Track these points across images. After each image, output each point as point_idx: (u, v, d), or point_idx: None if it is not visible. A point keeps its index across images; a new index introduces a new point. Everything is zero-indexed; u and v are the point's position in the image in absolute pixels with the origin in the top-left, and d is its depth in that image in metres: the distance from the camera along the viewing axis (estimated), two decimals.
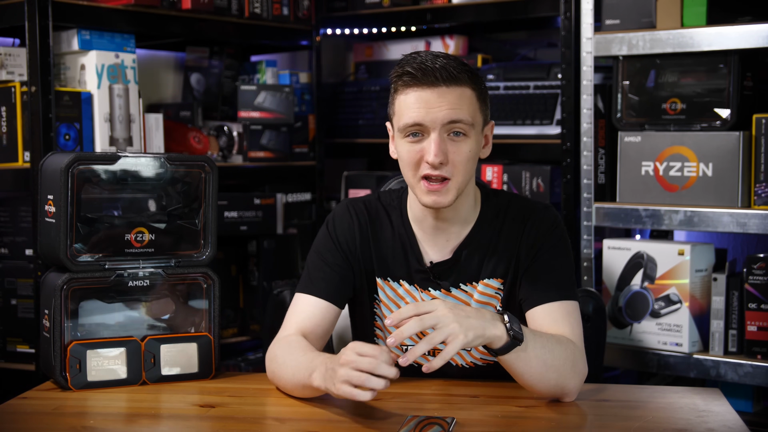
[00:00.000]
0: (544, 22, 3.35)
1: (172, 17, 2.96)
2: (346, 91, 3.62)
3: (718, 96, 2.68)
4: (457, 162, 1.88)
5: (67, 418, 1.84)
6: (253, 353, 3.37)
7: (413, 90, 1.87)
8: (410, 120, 1.87)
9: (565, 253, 1.99)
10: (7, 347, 2.79)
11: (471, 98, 1.89)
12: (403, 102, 1.89)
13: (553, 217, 2.01)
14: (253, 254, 3.32)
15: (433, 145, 1.85)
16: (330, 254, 2.04)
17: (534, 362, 1.80)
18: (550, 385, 1.83)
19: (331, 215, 2.08)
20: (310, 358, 1.84)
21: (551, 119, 3.06)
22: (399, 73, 1.89)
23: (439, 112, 1.85)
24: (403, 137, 1.90)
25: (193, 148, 3.11)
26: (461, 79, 1.87)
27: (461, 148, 1.88)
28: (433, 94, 1.85)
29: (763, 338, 2.63)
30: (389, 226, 2.05)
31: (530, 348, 1.80)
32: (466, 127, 1.88)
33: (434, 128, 1.86)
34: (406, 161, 1.90)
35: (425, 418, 1.73)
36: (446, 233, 2.00)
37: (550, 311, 1.92)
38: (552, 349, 1.83)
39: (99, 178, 2.02)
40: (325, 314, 2.00)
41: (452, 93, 1.86)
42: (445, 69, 1.85)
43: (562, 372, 1.83)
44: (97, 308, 2.05)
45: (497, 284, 1.99)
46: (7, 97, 2.71)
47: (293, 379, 1.87)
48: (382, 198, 2.09)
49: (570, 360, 1.84)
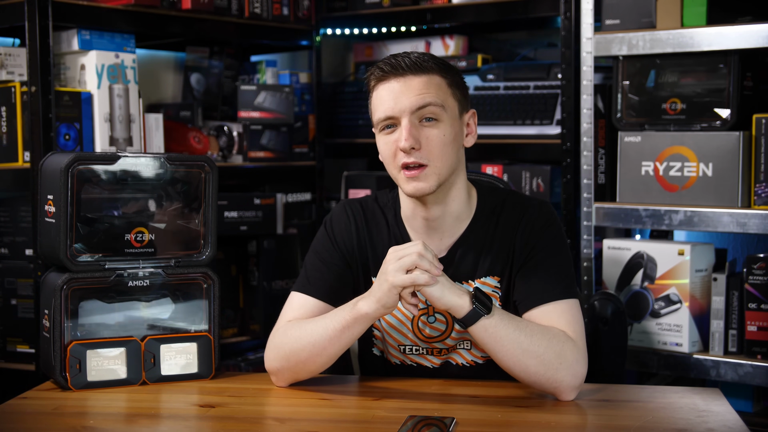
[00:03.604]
0: (544, 22, 3.35)
1: (172, 17, 2.96)
2: (346, 91, 3.62)
3: (718, 96, 2.68)
4: (431, 147, 1.90)
5: (67, 418, 1.84)
6: (253, 353, 3.37)
7: (383, 84, 1.92)
8: (382, 114, 1.92)
9: (560, 251, 1.98)
10: (7, 347, 2.79)
11: (440, 84, 1.92)
12: (376, 98, 1.94)
13: (549, 213, 2.01)
14: (253, 254, 3.32)
15: (403, 131, 1.89)
16: (328, 254, 2.04)
17: (506, 342, 1.83)
18: (530, 372, 1.84)
19: (329, 216, 2.10)
20: (334, 312, 1.91)
21: (551, 119, 3.06)
22: (371, 72, 1.96)
23: (406, 100, 1.89)
24: (380, 132, 1.95)
25: (193, 148, 3.11)
26: (427, 68, 1.92)
27: (433, 133, 1.90)
28: (400, 83, 1.91)
29: (763, 338, 2.63)
30: (385, 226, 2.05)
31: (501, 327, 1.82)
32: (437, 111, 1.90)
33: (403, 116, 1.90)
34: (385, 154, 1.94)
35: (425, 418, 1.73)
36: (439, 231, 2.00)
37: (547, 312, 1.91)
38: (531, 335, 1.84)
39: (99, 178, 2.02)
40: (321, 314, 1.99)
41: (419, 80, 1.91)
42: (410, 59, 1.91)
43: (545, 361, 1.83)
44: (97, 308, 2.05)
45: (494, 282, 1.99)
46: (7, 97, 2.71)
47: (323, 337, 1.89)
48: (379, 198, 2.10)
49: (556, 351, 1.84)
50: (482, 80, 3.25)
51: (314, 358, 1.91)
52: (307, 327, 1.92)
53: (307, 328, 1.92)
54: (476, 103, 3.22)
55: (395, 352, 2.05)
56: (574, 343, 1.88)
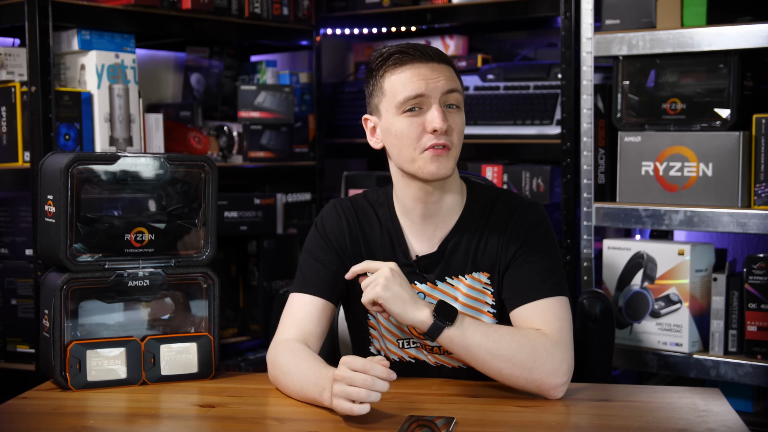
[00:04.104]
0: (544, 22, 3.35)
1: (172, 17, 2.96)
2: (346, 91, 3.62)
3: (718, 96, 2.68)
4: (456, 131, 1.94)
5: (67, 418, 1.84)
6: (253, 353, 3.37)
7: (407, 67, 1.94)
8: (411, 92, 1.92)
9: (548, 249, 1.99)
10: (7, 347, 2.79)
11: (456, 77, 1.98)
12: (397, 80, 1.94)
13: (539, 213, 2.02)
14: (253, 254, 3.32)
15: (437, 113, 1.91)
16: (321, 252, 2.05)
17: (475, 350, 1.84)
18: (505, 375, 1.85)
19: (320, 216, 2.10)
20: (318, 374, 1.84)
21: (551, 119, 3.06)
22: (384, 57, 1.96)
23: (437, 82, 1.92)
24: (400, 113, 1.94)
25: (193, 148, 3.11)
26: (447, 59, 1.98)
27: (456, 119, 1.95)
28: (427, 68, 1.93)
29: (763, 338, 2.63)
30: (377, 221, 2.06)
31: (468, 335, 1.84)
32: (459, 98, 1.96)
33: (435, 98, 1.92)
34: (408, 136, 1.93)
35: (425, 418, 1.73)
36: (433, 223, 2.01)
37: (529, 310, 1.92)
38: (499, 340, 1.85)
39: (99, 178, 2.02)
40: (322, 312, 2.01)
41: (443, 68, 1.95)
42: (431, 48, 1.96)
43: (518, 363, 1.84)
44: (97, 308, 2.05)
45: (485, 278, 2.00)
46: (7, 97, 2.71)
47: (301, 393, 1.88)
48: (369, 196, 2.11)
49: (527, 352, 1.84)
50: (482, 80, 3.25)
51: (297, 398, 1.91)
52: (296, 370, 1.90)
53: (295, 372, 1.90)
54: (476, 103, 3.22)
55: (394, 348, 2.05)
56: (549, 339, 1.87)
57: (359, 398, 1.70)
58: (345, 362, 1.74)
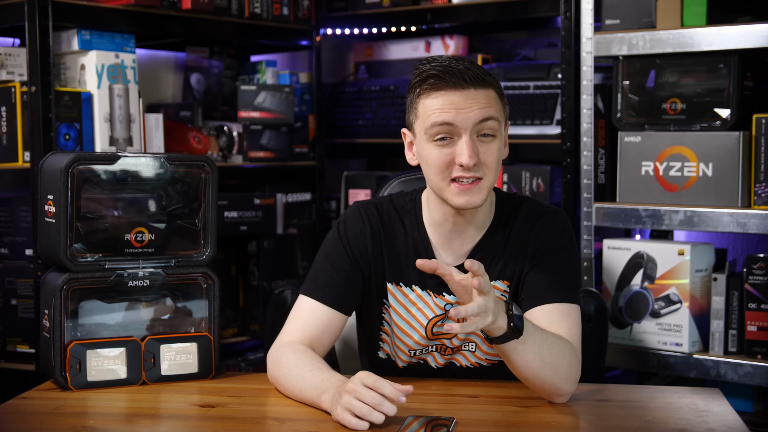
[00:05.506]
0: (544, 22, 3.35)
1: (172, 17, 2.96)
2: (346, 91, 3.62)
3: (718, 96, 2.68)
4: (488, 162, 1.88)
5: (67, 418, 1.84)
6: (253, 353, 3.38)
7: (440, 93, 1.87)
8: (440, 121, 1.86)
9: (570, 258, 1.98)
10: (7, 347, 2.79)
11: (496, 99, 1.90)
12: (429, 106, 1.88)
13: (563, 221, 2.01)
14: (253, 254, 3.32)
15: (465, 147, 1.85)
16: (339, 259, 2.01)
17: (531, 357, 1.80)
18: (545, 382, 1.83)
19: (342, 219, 2.06)
20: (319, 378, 1.83)
21: (551, 119, 3.06)
22: (422, 78, 1.89)
23: (469, 113, 1.85)
24: (430, 141, 1.89)
25: (193, 148, 3.11)
26: (487, 81, 1.88)
27: (491, 149, 1.88)
28: (461, 96, 1.86)
29: (763, 338, 2.63)
30: (402, 230, 2.03)
31: (529, 342, 1.79)
32: (495, 127, 1.88)
33: (465, 129, 1.86)
34: (435, 165, 1.89)
35: (426, 418, 1.73)
36: (462, 237, 1.99)
37: (549, 312, 1.91)
38: (551, 347, 1.83)
39: (99, 178, 2.02)
40: (331, 322, 1.98)
41: (480, 94, 1.87)
42: (470, 71, 1.86)
43: (559, 371, 1.83)
44: (97, 308, 2.05)
45: (503, 286, 1.99)
46: (7, 97, 2.71)
47: (300, 395, 1.86)
48: (395, 201, 2.06)
49: (567, 360, 1.84)
50: None
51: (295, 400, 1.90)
52: (296, 372, 1.89)
53: (295, 374, 1.89)
54: None
55: (405, 356, 2.04)
56: (574, 348, 1.89)
57: (362, 414, 1.68)
58: (359, 377, 1.72)
